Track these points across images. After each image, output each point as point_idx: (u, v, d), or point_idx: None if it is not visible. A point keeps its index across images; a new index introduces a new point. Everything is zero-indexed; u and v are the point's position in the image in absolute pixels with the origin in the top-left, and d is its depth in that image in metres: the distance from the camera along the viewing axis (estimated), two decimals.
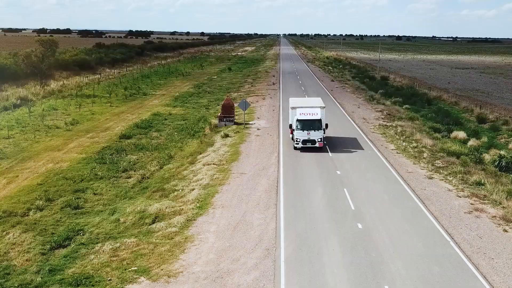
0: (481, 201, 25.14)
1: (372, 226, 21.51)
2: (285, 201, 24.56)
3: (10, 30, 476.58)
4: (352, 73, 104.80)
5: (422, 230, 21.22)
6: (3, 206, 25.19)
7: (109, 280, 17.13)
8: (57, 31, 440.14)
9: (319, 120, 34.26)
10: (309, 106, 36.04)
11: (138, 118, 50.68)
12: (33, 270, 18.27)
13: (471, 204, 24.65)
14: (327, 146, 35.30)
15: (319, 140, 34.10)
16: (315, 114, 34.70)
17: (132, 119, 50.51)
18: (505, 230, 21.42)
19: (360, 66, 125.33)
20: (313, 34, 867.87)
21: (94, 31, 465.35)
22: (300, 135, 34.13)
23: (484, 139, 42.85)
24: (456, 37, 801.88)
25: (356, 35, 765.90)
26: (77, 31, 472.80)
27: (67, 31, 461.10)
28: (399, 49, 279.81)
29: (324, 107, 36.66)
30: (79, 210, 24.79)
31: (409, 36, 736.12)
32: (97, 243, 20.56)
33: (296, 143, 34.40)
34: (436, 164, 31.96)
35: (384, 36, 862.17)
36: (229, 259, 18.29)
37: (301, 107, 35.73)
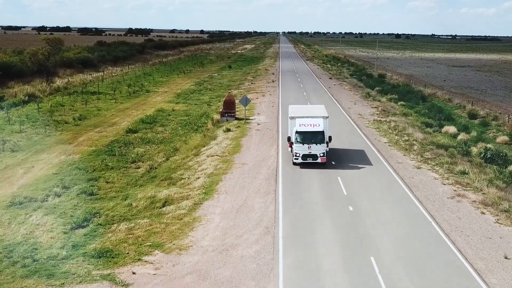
0: (464, 188, 27.36)
1: (362, 208, 23.76)
2: (283, 188, 26.78)
3: (10, 28, 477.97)
4: (350, 71, 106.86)
5: (408, 213, 23.46)
6: (23, 192, 27.30)
7: (127, 253, 19.30)
8: (57, 29, 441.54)
9: (322, 132, 30.58)
10: (310, 116, 32.13)
11: (143, 114, 52.68)
12: (58, 246, 20.42)
13: (454, 190, 26.88)
14: None
15: (322, 155, 30.39)
16: (317, 125, 30.85)
17: (137, 114, 52.54)
18: (483, 213, 23.65)
19: (358, 64, 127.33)
20: (312, 32, 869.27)
21: (93, 29, 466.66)
22: (300, 149, 30.36)
23: (474, 133, 45.00)
24: (456, 35, 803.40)
25: (356, 33, 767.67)
26: (76, 29, 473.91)
27: (67, 29, 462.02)
28: (397, 47, 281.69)
29: (328, 116, 32.63)
30: (94, 196, 26.90)
31: (408, 34, 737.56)
32: (113, 223, 22.71)
33: (295, 158, 30.64)
34: (425, 156, 34.17)
35: (383, 34, 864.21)
36: (233, 236, 20.52)
37: (301, 117, 32.03)
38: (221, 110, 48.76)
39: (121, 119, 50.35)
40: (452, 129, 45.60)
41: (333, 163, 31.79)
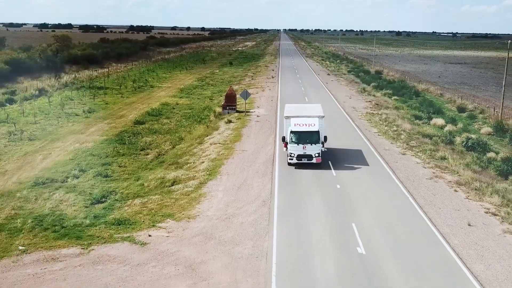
0: (442, 171, 30.35)
1: (348, 186, 26.80)
2: (279, 170, 29.80)
3: (11, 25, 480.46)
4: (349, 67, 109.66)
5: (389, 190, 26.49)
6: (45, 174, 30.28)
7: (143, 221, 22.30)
8: (59, 26, 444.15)
9: (317, 132, 30.13)
10: (306, 116, 31.71)
11: (148, 107, 55.60)
12: (81, 216, 23.39)
13: (433, 173, 29.88)
14: None
15: (317, 155, 29.88)
16: (312, 124, 30.42)
17: (143, 108, 55.48)
18: (456, 190, 26.67)
19: (356, 61, 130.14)
20: (313, 29, 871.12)
21: (95, 26, 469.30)
22: (295, 149, 29.90)
23: (460, 125, 47.94)
24: (456, 32, 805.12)
25: (356, 31, 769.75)
26: (78, 26, 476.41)
27: (69, 26, 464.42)
28: (397, 45, 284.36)
29: (323, 116, 32.37)
30: (109, 178, 29.84)
31: (409, 32, 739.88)
32: (128, 199, 25.68)
33: (290, 159, 30.14)
34: (411, 144, 37.14)
35: (384, 31, 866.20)
36: (234, 208, 23.57)
37: (297, 116, 31.64)
38: (223, 103, 51.71)
39: (128, 112, 53.29)
40: (440, 121, 48.49)
41: (325, 149, 34.70)
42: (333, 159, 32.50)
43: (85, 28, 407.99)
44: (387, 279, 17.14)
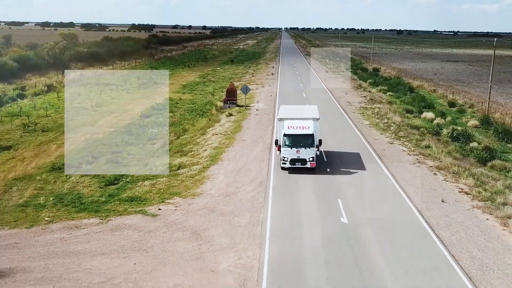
0: (425, 157, 33.04)
1: (337, 170, 29.56)
2: (275, 156, 32.45)
3: (13, 23, 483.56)
4: (347, 65, 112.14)
5: (374, 173, 29.20)
6: (61, 161, 33.04)
7: (153, 199, 25.05)
8: (61, 24, 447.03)
9: (311, 135, 28.96)
10: (300, 118, 30.66)
11: (153, 102, 58.27)
12: (97, 195, 26.16)
13: (417, 159, 32.58)
14: None
15: (311, 159, 28.78)
16: (307, 127, 29.34)
17: (147, 103, 58.15)
18: (435, 174, 29.36)
19: (355, 59, 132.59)
20: (314, 28, 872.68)
21: (96, 25, 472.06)
22: (288, 153, 28.77)
23: (449, 118, 50.56)
24: (458, 31, 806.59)
25: (357, 29, 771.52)
26: (80, 25, 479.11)
27: (71, 24, 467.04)
28: (397, 43, 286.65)
29: (318, 118, 31.21)
30: (120, 164, 32.56)
31: (410, 30, 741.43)
32: (138, 181, 28.42)
33: (282, 163, 29.01)
34: (399, 135, 39.83)
35: (385, 30, 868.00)
36: (234, 187, 26.34)
37: (290, 118, 30.55)
38: (224, 98, 54.44)
39: (134, 106, 56.00)
40: (430, 115, 51.12)
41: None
42: (325, 147, 35.17)
43: (87, 27, 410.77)
44: (365, 242, 19.87)
